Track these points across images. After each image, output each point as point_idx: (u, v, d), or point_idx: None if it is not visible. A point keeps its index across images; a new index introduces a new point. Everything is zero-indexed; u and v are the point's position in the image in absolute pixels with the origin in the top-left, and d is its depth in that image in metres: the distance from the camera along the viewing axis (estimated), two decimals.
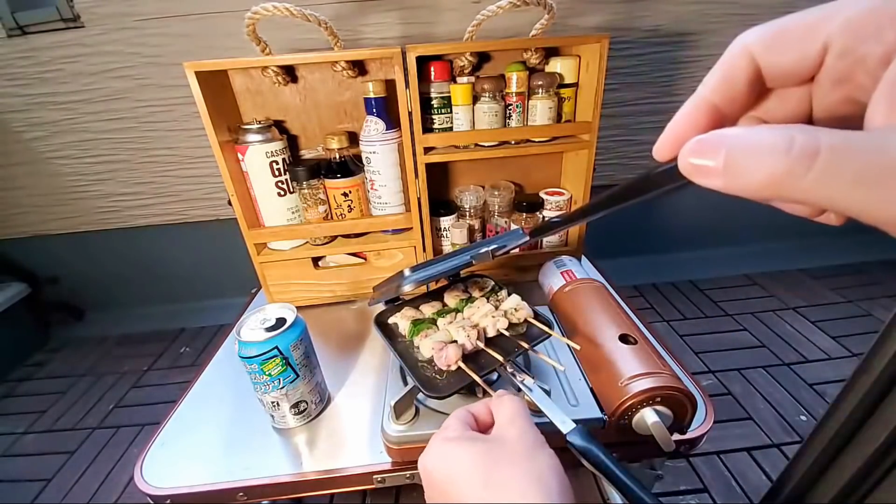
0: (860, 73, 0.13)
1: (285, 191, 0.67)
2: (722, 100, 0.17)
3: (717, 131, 0.14)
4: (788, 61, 0.15)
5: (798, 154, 0.12)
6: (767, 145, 0.13)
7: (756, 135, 0.13)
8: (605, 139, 1.26)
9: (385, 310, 0.54)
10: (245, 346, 0.44)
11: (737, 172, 0.13)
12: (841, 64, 0.14)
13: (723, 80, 0.16)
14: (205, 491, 0.45)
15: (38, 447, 1.11)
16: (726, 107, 0.17)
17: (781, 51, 0.15)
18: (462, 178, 0.79)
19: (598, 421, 0.43)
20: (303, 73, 0.67)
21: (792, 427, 0.98)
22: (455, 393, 0.41)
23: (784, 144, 0.12)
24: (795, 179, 0.12)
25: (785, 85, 0.16)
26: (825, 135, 0.12)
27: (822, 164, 0.12)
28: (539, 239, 0.77)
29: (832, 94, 0.15)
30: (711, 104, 0.17)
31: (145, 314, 1.54)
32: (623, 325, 0.49)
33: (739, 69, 0.16)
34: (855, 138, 0.12)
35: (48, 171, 1.25)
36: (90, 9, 1.03)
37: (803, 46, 0.14)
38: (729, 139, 0.14)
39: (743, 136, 0.13)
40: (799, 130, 0.12)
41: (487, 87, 0.64)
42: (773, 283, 1.47)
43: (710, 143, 0.14)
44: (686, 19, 1.12)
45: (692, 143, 0.15)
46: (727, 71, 0.16)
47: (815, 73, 0.15)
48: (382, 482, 0.46)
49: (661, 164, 0.18)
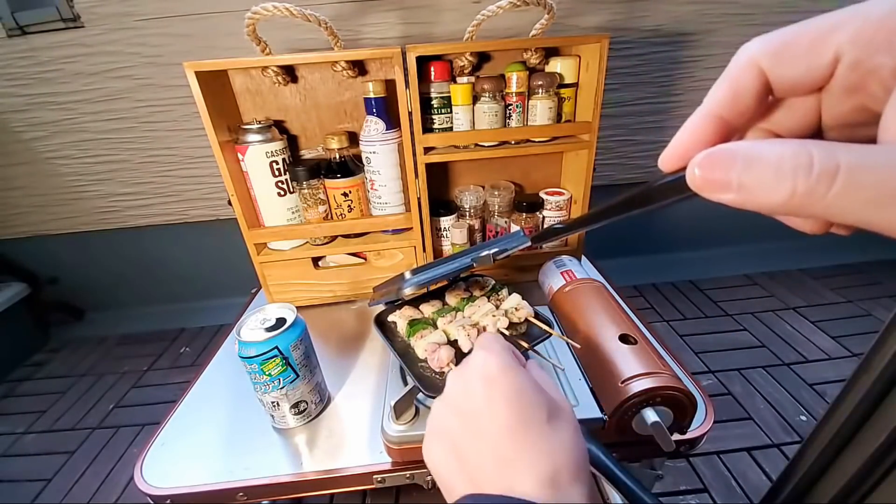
0: (872, 84, 0.13)
1: (285, 191, 0.67)
2: (730, 113, 0.16)
3: (729, 144, 0.14)
4: (798, 73, 0.15)
5: (819, 172, 0.12)
6: (789, 164, 0.12)
7: (773, 151, 0.13)
8: (605, 139, 1.26)
9: (385, 309, 0.54)
10: (245, 346, 0.44)
11: (754, 189, 0.13)
12: (853, 75, 0.14)
13: (730, 94, 0.16)
14: (205, 491, 0.45)
15: (38, 447, 1.11)
16: (734, 119, 0.17)
17: (791, 63, 0.15)
18: (462, 178, 0.79)
19: (598, 421, 0.43)
20: (303, 73, 0.67)
21: (792, 427, 0.98)
22: None
23: (806, 162, 0.12)
24: (817, 198, 0.12)
25: (794, 95, 0.16)
26: (842, 151, 0.12)
27: (841, 181, 0.12)
28: (540, 244, 0.77)
29: (843, 103, 0.15)
30: (718, 116, 0.17)
31: (145, 314, 1.54)
32: (623, 325, 0.49)
33: (747, 82, 0.16)
34: (872, 154, 0.12)
35: (48, 171, 1.25)
36: (90, 9, 1.03)
37: (813, 58, 0.14)
38: (744, 154, 0.13)
39: (759, 152, 0.13)
40: (815, 146, 0.12)
41: (487, 87, 0.64)
42: (773, 283, 1.47)
43: (723, 158, 0.14)
44: (686, 19, 1.12)
45: (702, 156, 0.14)
46: (734, 84, 0.16)
47: (825, 83, 0.15)
48: (382, 482, 0.46)
49: (665, 175, 0.18)
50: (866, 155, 0.12)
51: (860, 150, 0.12)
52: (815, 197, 0.12)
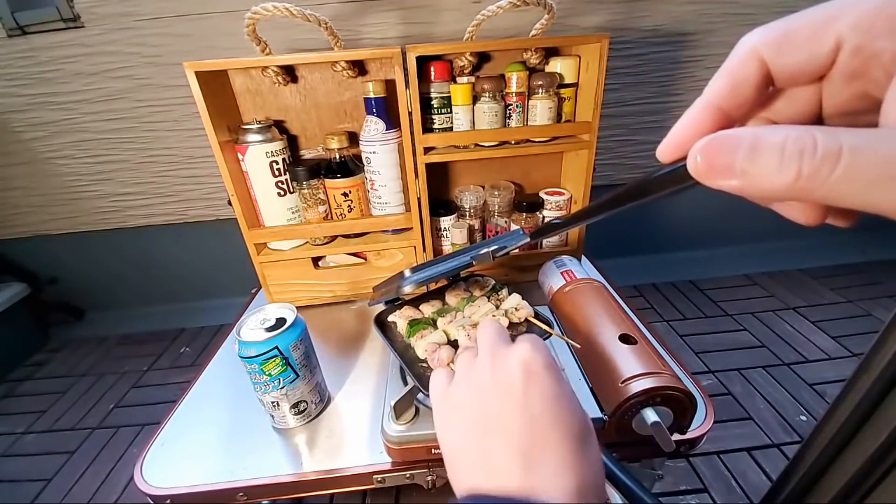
0: (874, 69, 0.13)
1: (285, 191, 0.67)
2: (730, 104, 0.16)
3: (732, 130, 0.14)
4: (799, 62, 0.15)
5: (822, 154, 0.12)
6: (793, 147, 0.12)
7: (777, 134, 0.13)
8: (605, 139, 1.26)
9: (385, 309, 0.54)
10: (245, 346, 0.44)
11: (758, 174, 0.13)
12: (854, 61, 0.14)
13: (730, 84, 0.16)
14: (205, 491, 0.45)
15: (38, 447, 1.11)
16: (734, 110, 0.16)
17: (792, 52, 0.15)
18: (462, 178, 0.79)
19: (598, 421, 0.43)
20: (303, 73, 0.67)
21: (792, 427, 0.98)
22: None
23: (810, 145, 0.12)
24: (820, 181, 0.12)
25: (796, 84, 0.16)
26: (845, 134, 0.12)
27: (844, 163, 0.12)
28: (540, 240, 0.77)
29: (844, 91, 0.15)
30: (718, 107, 0.16)
31: (145, 314, 1.54)
32: (623, 325, 0.49)
33: (748, 72, 0.16)
34: (875, 136, 0.12)
35: (48, 172, 1.25)
36: (90, 9, 1.03)
37: (814, 46, 0.14)
38: (748, 139, 0.13)
39: (763, 136, 0.13)
40: (818, 130, 0.12)
41: (487, 87, 0.64)
42: (773, 283, 1.47)
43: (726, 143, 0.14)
44: (686, 19, 1.12)
45: (704, 141, 0.14)
46: (735, 74, 0.16)
47: (826, 71, 0.15)
48: (382, 482, 0.46)
49: (665, 165, 0.18)
50: (868, 137, 0.12)
51: (862, 133, 0.12)
52: (819, 180, 0.12)
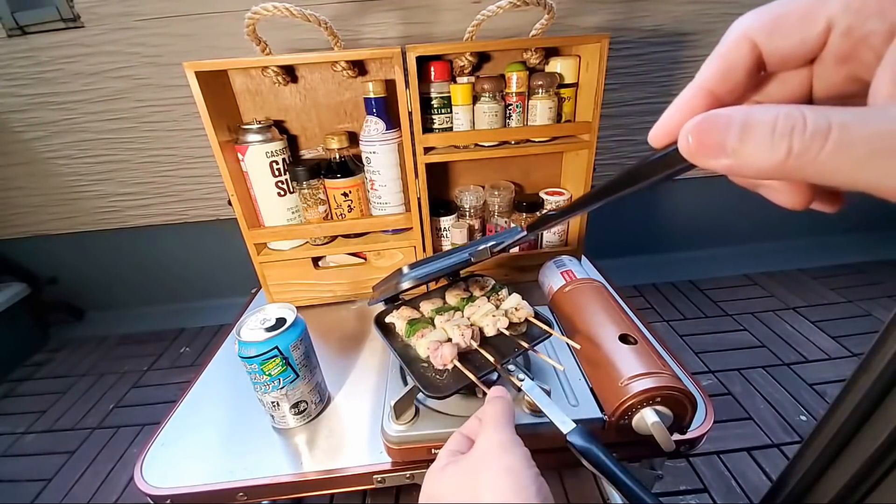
0: (864, 51, 0.13)
1: (285, 191, 0.67)
2: (721, 88, 0.16)
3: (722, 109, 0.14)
4: (791, 44, 0.15)
5: (812, 131, 0.12)
6: (784, 124, 0.12)
7: (768, 112, 0.13)
8: (605, 139, 1.26)
9: (385, 309, 0.54)
10: (245, 346, 0.44)
11: (748, 152, 0.13)
12: (845, 43, 0.14)
13: (722, 68, 0.16)
14: (205, 491, 0.45)
15: (38, 447, 1.11)
16: (725, 95, 0.16)
17: (784, 35, 0.15)
18: (462, 178, 0.79)
19: (598, 421, 0.43)
20: (303, 73, 0.67)
21: (792, 427, 0.98)
22: (455, 393, 0.41)
23: (800, 122, 0.12)
24: (810, 158, 0.12)
25: (787, 68, 0.16)
26: (834, 112, 0.12)
27: (833, 140, 0.12)
28: (538, 235, 0.77)
29: (835, 73, 0.15)
30: (709, 91, 0.16)
31: (145, 314, 1.54)
32: (623, 325, 0.49)
33: (739, 56, 0.16)
34: (863, 113, 0.12)
35: (48, 172, 1.25)
36: (90, 9, 1.03)
37: (806, 28, 0.14)
38: (738, 117, 0.13)
39: (754, 114, 0.13)
40: (808, 108, 0.12)
41: (487, 87, 0.64)
42: (773, 283, 1.47)
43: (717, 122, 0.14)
44: (686, 19, 1.12)
45: (696, 121, 0.14)
46: (726, 58, 0.16)
47: (817, 53, 0.15)
48: (382, 482, 0.46)
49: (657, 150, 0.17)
50: (857, 115, 0.12)
51: (851, 111, 0.12)
52: (809, 157, 0.12)
